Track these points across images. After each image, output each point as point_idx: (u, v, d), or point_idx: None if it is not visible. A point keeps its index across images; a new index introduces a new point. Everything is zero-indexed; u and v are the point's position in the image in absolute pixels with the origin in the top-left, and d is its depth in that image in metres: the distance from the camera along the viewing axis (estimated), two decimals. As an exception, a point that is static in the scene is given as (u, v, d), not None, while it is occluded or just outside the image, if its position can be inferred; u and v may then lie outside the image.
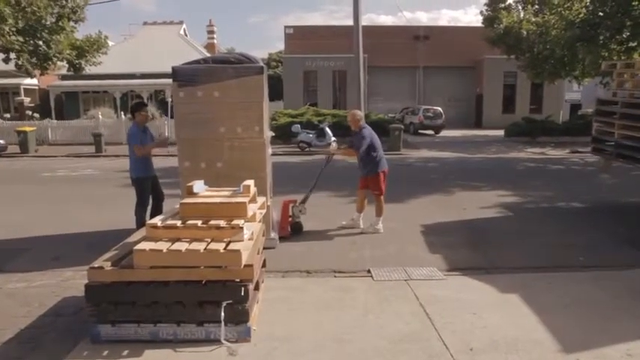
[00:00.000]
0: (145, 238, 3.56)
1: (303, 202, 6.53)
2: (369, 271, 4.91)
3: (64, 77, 25.71)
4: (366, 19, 71.96)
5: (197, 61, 5.82)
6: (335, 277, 4.86)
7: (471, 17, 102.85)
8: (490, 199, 8.75)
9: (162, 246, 3.38)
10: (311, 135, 17.67)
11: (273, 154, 6.92)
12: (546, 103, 30.36)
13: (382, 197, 6.52)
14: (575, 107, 33.61)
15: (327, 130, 17.51)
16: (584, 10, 16.04)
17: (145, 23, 32.84)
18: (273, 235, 5.99)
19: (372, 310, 3.99)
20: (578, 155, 16.79)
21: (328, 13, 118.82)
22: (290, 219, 6.39)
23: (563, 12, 17.10)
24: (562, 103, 31.72)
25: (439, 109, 26.25)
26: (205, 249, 3.35)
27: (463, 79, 32.33)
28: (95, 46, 18.01)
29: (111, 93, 26.33)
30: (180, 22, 32.88)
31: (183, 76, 5.47)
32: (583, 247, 5.87)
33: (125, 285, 3.37)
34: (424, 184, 10.44)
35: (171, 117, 18.73)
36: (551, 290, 4.43)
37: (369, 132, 6.46)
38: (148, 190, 6.12)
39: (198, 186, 4.05)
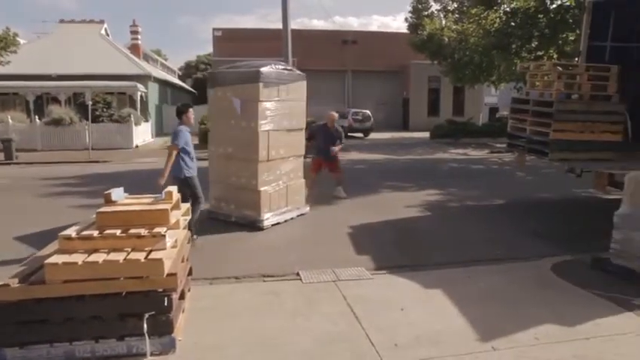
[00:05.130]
0: (57, 251, 3.34)
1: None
2: (298, 274, 4.93)
3: (-33, 78, 23.50)
4: (298, 24, 72.36)
5: (270, 65, 7.17)
6: (264, 281, 4.83)
7: (400, 23, 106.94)
8: (416, 199, 9.10)
9: (78, 258, 3.20)
10: (241, 139, 17.40)
11: (201, 159, 6.87)
12: (467, 107, 32.10)
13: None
14: (493, 110, 35.84)
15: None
16: (498, 20, 17.15)
17: (62, 21, 30.79)
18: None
19: (300, 313, 4.02)
20: (496, 155, 17.89)
21: (261, 16, 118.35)
22: None
23: (480, 21, 18.18)
24: (482, 107, 33.70)
25: (368, 112, 26.91)
26: (125, 259, 3.22)
27: (390, 83, 33.41)
28: (2, 43, 16.68)
29: (22, 95, 24.40)
30: (102, 22, 31.17)
31: (267, 78, 6.78)
32: (499, 241, 6.27)
33: (35, 302, 3.14)
34: (353, 185, 10.63)
35: (92, 121, 17.78)
36: (470, 284, 4.69)
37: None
38: (194, 188, 6.15)
39: (117, 193, 3.86)
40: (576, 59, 8.83)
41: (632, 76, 7.74)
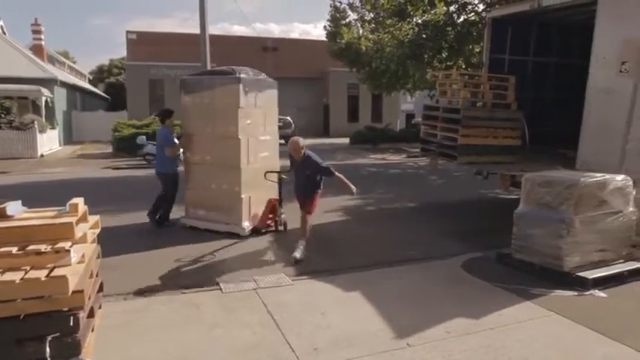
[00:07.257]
0: (-60, 274, 2.99)
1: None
2: (217, 284, 4.82)
3: None
4: (218, 29, 71.03)
5: (200, 74, 7.72)
6: (182, 293, 4.66)
7: (321, 31, 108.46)
8: (335, 204, 9.24)
9: (-35, 280, 2.89)
10: (158, 147, 16.75)
11: (116, 168, 6.56)
12: (385, 113, 33.38)
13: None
14: (410, 117, 37.60)
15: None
16: (411, 32, 18.03)
17: (-54, 18, 27.75)
18: (247, 224, 6.78)
19: (219, 324, 3.93)
20: (412, 159, 18.73)
21: (181, 20, 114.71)
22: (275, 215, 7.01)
23: (394, 32, 19.00)
24: (399, 113, 35.23)
25: (289, 118, 27.04)
26: (22, 279, 2.95)
27: (311, 90, 33.87)
28: None
29: None
30: (-4, 19, 28.54)
31: (189, 84, 7.16)
32: (414, 242, 6.57)
33: None
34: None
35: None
36: (387, 284, 4.86)
37: (313, 153, 6.27)
38: (176, 185, 7.14)
39: (14, 207, 3.55)
40: (480, 70, 9.52)
41: (526, 85, 8.49)
